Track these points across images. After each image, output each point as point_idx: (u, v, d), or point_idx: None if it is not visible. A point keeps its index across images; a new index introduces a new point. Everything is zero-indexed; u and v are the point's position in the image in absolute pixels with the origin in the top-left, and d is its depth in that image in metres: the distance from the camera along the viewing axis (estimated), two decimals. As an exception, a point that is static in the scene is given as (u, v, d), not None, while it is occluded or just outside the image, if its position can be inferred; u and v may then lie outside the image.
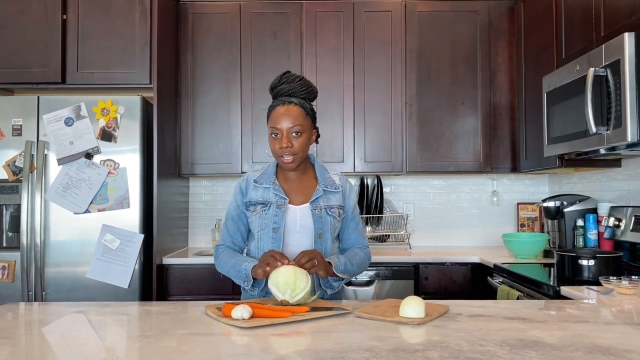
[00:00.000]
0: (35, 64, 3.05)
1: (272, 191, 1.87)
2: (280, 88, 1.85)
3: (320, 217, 1.86)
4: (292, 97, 1.84)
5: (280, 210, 1.85)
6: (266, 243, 1.86)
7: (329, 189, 1.89)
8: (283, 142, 1.80)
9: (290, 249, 1.86)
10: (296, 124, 1.80)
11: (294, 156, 1.82)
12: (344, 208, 1.93)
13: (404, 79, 3.41)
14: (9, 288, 2.82)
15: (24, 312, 1.67)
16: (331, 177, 1.94)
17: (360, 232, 2.00)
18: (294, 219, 1.86)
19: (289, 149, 1.80)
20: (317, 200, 1.87)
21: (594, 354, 1.14)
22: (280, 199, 1.85)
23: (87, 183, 2.86)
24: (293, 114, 1.80)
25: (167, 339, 1.30)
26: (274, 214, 1.85)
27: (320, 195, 1.87)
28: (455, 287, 3.04)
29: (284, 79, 1.86)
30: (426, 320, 1.43)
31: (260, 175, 1.92)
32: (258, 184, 1.89)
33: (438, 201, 3.77)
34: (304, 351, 1.18)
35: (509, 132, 3.42)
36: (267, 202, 1.86)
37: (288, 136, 1.80)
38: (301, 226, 1.86)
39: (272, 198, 1.86)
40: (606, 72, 2.09)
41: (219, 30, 3.43)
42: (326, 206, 1.87)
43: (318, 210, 1.86)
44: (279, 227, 1.84)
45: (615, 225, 2.61)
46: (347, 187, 1.97)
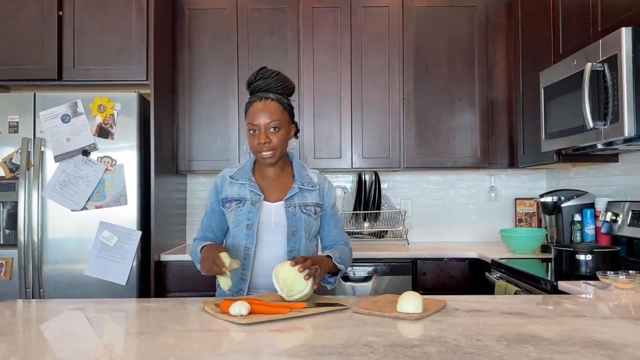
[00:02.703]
0: (31, 61, 3.04)
1: (247, 187, 1.87)
2: (257, 84, 1.84)
3: (294, 215, 1.85)
4: (269, 92, 1.83)
5: (255, 206, 1.85)
6: (240, 239, 1.86)
7: (305, 186, 1.89)
8: (261, 138, 1.79)
9: (264, 245, 1.86)
10: (274, 119, 1.80)
11: (273, 151, 1.81)
12: (321, 206, 1.93)
13: (401, 75, 3.41)
14: (6, 285, 2.82)
15: (22, 310, 1.66)
16: (309, 175, 1.93)
17: (341, 230, 2.00)
18: (269, 216, 1.85)
19: (267, 145, 1.80)
20: (292, 198, 1.86)
21: (591, 348, 1.14)
22: (255, 196, 1.85)
23: (84, 180, 2.85)
24: (270, 110, 1.80)
25: (165, 335, 1.30)
26: (249, 210, 1.85)
27: (296, 193, 1.87)
28: (453, 282, 3.05)
29: (260, 75, 1.85)
30: (424, 315, 1.43)
31: (237, 171, 1.92)
32: (234, 180, 1.90)
33: (436, 197, 3.78)
34: (302, 347, 1.18)
35: (506, 128, 3.42)
36: (242, 198, 1.87)
37: (266, 132, 1.79)
38: (275, 223, 1.85)
39: (247, 194, 1.86)
40: (603, 67, 2.09)
41: (216, 26, 3.42)
42: (301, 204, 1.86)
43: (292, 208, 1.85)
44: (252, 224, 1.84)
45: (613, 220, 2.61)
46: (326, 185, 1.96)
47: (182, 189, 3.67)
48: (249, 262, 1.86)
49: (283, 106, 1.84)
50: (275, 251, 1.86)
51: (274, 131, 1.81)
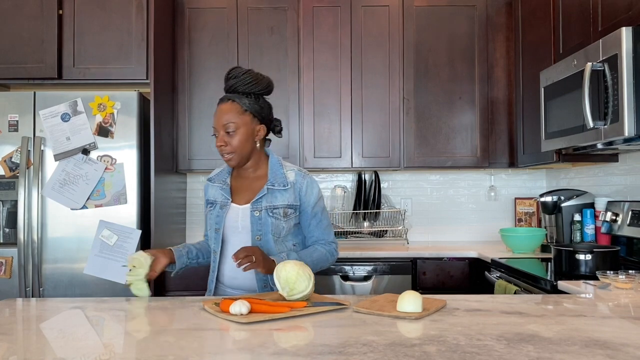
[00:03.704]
0: (31, 60, 3.03)
1: (219, 190, 1.89)
2: (227, 84, 1.85)
3: (260, 219, 1.81)
4: (235, 92, 1.82)
5: (223, 210, 1.85)
6: (212, 242, 1.89)
7: (276, 186, 1.83)
8: (218, 141, 1.81)
9: (232, 249, 1.85)
10: (229, 121, 1.79)
11: (232, 154, 1.81)
12: (295, 207, 1.86)
13: (401, 74, 3.41)
14: (6, 284, 2.82)
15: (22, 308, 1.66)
16: (285, 173, 1.87)
17: (325, 228, 1.93)
18: (235, 219, 1.84)
19: (224, 148, 1.80)
20: (260, 200, 1.82)
21: (591, 347, 1.14)
22: (225, 199, 1.86)
23: (84, 179, 2.85)
24: (227, 112, 1.80)
25: (165, 334, 1.30)
26: (217, 214, 1.86)
27: (264, 195, 1.82)
28: (452, 282, 3.05)
29: (231, 74, 1.85)
30: (423, 314, 1.43)
31: (217, 173, 1.94)
32: (212, 182, 1.93)
33: (435, 196, 3.78)
34: (302, 346, 1.18)
35: (506, 127, 3.42)
36: (215, 201, 1.89)
37: (223, 134, 1.80)
38: (243, 227, 1.84)
39: (219, 197, 1.88)
40: (603, 67, 2.09)
41: (216, 25, 3.42)
42: (268, 206, 1.82)
43: (257, 211, 1.82)
44: (219, 228, 1.85)
45: (613, 220, 2.62)
46: (305, 183, 1.87)
47: (182, 187, 3.67)
48: (215, 265, 1.88)
49: (244, 107, 1.80)
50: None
51: (231, 134, 1.79)
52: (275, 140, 3.39)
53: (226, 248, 1.87)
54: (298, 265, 1.61)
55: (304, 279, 1.59)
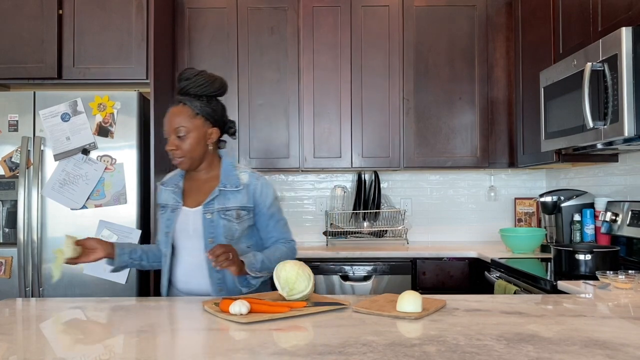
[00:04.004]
0: (31, 60, 3.03)
1: (171, 194, 1.87)
2: (179, 85, 1.83)
3: (212, 222, 1.79)
4: (186, 95, 1.80)
5: (173, 213, 1.84)
6: (162, 246, 1.88)
7: (227, 188, 1.81)
8: (169, 145, 1.79)
9: (184, 253, 1.84)
10: (180, 125, 1.77)
11: (182, 158, 1.80)
12: (249, 209, 1.84)
13: (401, 75, 3.41)
14: (6, 284, 2.82)
15: (21, 308, 1.66)
16: (238, 175, 1.85)
17: (283, 227, 1.92)
18: (186, 222, 1.82)
19: (175, 152, 1.79)
20: (212, 203, 1.80)
21: (591, 347, 1.15)
22: (175, 202, 1.84)
23: (84, 179, 2.85)
24: (177, 116, 1.78)
25: (164, 334, 1.30)
26: (168, 217, 1.85)
27: (216, 197, 1.80)
28: (452, 282, 3.05)
29: (183, 76, 1.82)
30: (423, 314, 1.43)
31: (170, 177, 1.93)
32: (164, 186, 1.91)
33: (435, 196, 3.78)
34: (301, 346, 1.18)
35: (506, 127, 3.42)
36: (166, 205, 1.87)
37: (174, 138, 1.79)
38: (194, 230, 1.81)
39: (170, 201, 1.86)
40: (603, 67, 2.09)
41: (216, 25, 3.42)
42: (221, 209, 1.79)
43: (209, 214, 1.79)
44: (169, 232, 1.83)
45: (612, 220, 2.62)
46: (259, 185, 1.86)
47: (182, 188, 3.66)
48: (166, 269, 1.87)
49: (195, 111, 1.79)
50: (197, 258, 1.82)
51: (182, 137, 1.78)
52: (275, 140, 3.41)
53: (178, 252, 1.86)
54: (298, 265, 1.61)
55: (304, 278, 1.59)
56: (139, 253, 1.90)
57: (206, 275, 1.81)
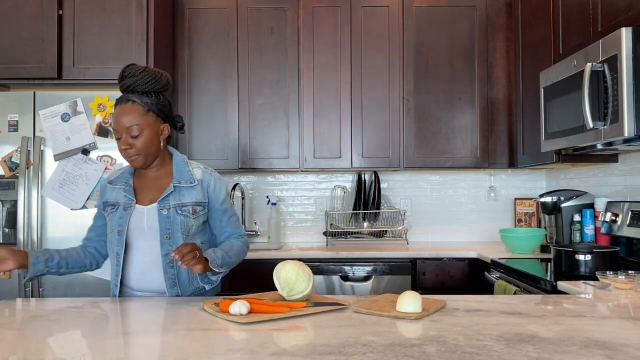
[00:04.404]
0: (31, 60, 3.03)
1: (122, 192, 1.83)
2: (123, 83, 1.78)
3: (168, 218, 1.78)
4: (134, 92, 1.76)
5: (126, 211, 1.80)
6: (113, 245, 1.82)
7: (182, 184, 1.81)
8: (122, 144, 1.75)
9: (136, 251, 1.81)
10: (133, 124, 1.74)
11: (138, 156, 1.77)
12: (204, 204, 1.85)
13: (401, 75, 3.41)
14: (6, 284, 2.81)
15: (21, 308, 1.66)
16: (191, 171, 1.85)
17: (235, 223, 1.92)
18: (140, 220, 1.80)
19: (130, 150, 1.76)
20: (167, 199, 1.80)
21: (591, 348, 1.15)
22: (128, 200, 1.81)
23: (84, 179, 2.85)
24: (129, 114, 1.74)
25: (164, 334, 1.30)
26: (120, 216, 1.80)
27: (171, 193, 1.80)
28: (452, 282, 3.05)
29: (127, 72, 1.77)
30: (423, 315, 1.43)
31: (118, 175, 1.89)
32: (112, 184, 1.86)
33: (435, 197, 3.78)
34: (301, 346, 1.18)
35: (506, 128, 3.42)
36: (116, 203, 1.82)
37: (127, 137, 1.75)
38: (149, 228, 1.79)
39: (121, 199, 1.82)
40: (603, 67, 2.09)
41: (216, 25, 3.42)
42: (177, 204, 1.80)
43: (165, 210, 1.79)
44: (122, 230, 1.79)
45: (612, 220, 2.62)
46: (212, 180, 1.87)
47: (182, 188, 3.66)
48: (118, 269, 1.82)
49: (146, 107, 1.76)
50: (151, 256, 1.81)
51: (135, 136, 1.75)
52: (275, 140, 3.41)
53: (130, 251, 1.82)
54: (297, 266, 1.61)
55: (304, 279, 1.59)
56: (56, 260, 1.82)
57: (160, 272, 1.80)
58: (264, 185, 3.76)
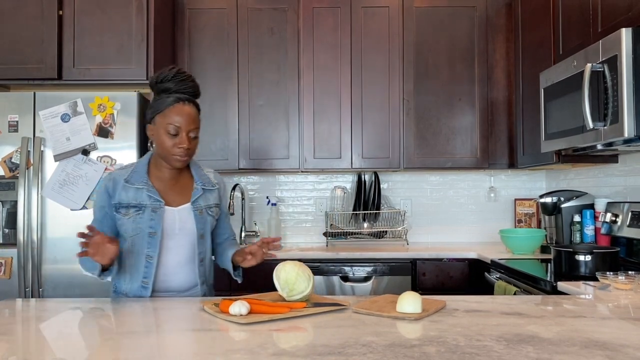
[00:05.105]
0: (31, 60, 3.03)
1: (145, 193, 1.79)
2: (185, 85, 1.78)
3: (202, 218, 1.84)
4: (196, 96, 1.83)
5: (157, 213, 1.77)
6: (141, 247, 1.78)
7: (206, 187, 1.88)
8: (183, 142, 1.75)
9: (167, 253, 1.81)
10: (196, 126, 1.79)
11: (188, 157, 1.80)
12: (219, 206, 1.94)
13: (401, 75, 3.41)
14: (5, 285, 2.82)
15: (21, 309, 1.66)
16: (207, 174, 1.93)
17: (230, 224, 2.06)
18: (172, 221, 1.80)
19: (186, 150, 1.77)
20: (198, 200, 1.85)
21: (591, 348, 1.14)
22: (155, 202, 1.78)
23: (84, 179, 2.85)
24: (194, 115, 1.78)
25: (164, 334, 1.30)
26: (150, 217, 1.77)
27: (200, 195, 1.86)
28: (452, 282, 3.05)
29: (178, 76, 1.78)
30: (423, 315, 1.43)
31: (131, 174, 1.82)
32: (129, 183, 1.80)
33: (435, 197, 3.78)
34: (301, 346, 1.18)
35: (506, 128, 3.42)
36: (141, 205, 1.77)
37: (188, 136, 1.77)
38: (180, 229, 1.81)
39: (146, 200, 1.78)
40: (603, 68, 2.09)
41: (216, 26, 3.42)
42: (206, 206, 1.87)
43: (200, 211, 1.84)
44: (155, 232, 1.77)
45: (612, 220, 2.62)
46: (223, 184, 1.99)
47: (182, 188, 3.66)
48: (150, 270, 1.79)
49: (199, 112, 1.83)
50: (179, 256, 1.83)
51: (193, 137, 1.79)
52: (275, 141, 3.41)
53: (161, 252, 1.80)
54: (297, 266, 1.61)
55: (304, 279, 1.59)
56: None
57: (185, 272, 1.85)
58: (264, 185, 3.76)
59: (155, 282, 1.82)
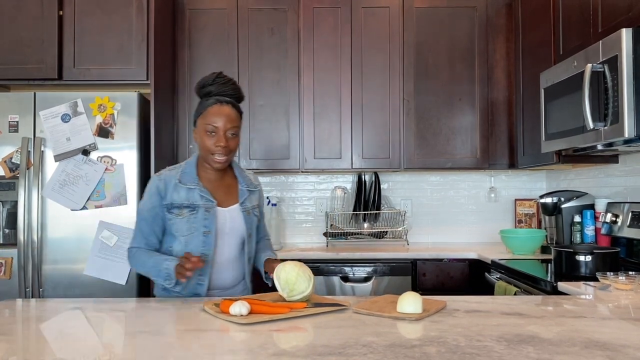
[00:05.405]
0: (31, 60, 3.03)
1: (197, 193, 1.84)
2: (213, 88, 1.86)
3: (249, 218, 1.92)
4: (238, 99, 1.89)
5: (210, 213, 1.84)
6: (196, 246, 1.83)
7: (250, 188, 1.96)
8: (221, 141, 1.81)
9: (219, 251, 1.87)
10: (234, 125, 1.84)
11: (228, 156, 1.85)
12: (259, 207, 2.02)
13: (401, 75, 3.41)
14: (6, 285, 2.82)
15: (21, 309, 1.66)
16: (248, 176, 2.00)
17: (265, 224, 2.14)
18: (224, 222, 1.87)
19: (225, 149, 1.82)
20: (245, 202, 1.93)
21: (591, 349, 1.14)
22: (208, 202, 1.84)
23: (84, 179, 2.85)
24: (232, 115, 1.84)
25: (164, 335, 1.30)
26: (204, 217, 1.82)
27: (246, 197, 1.93)
28: (452, 283, 3.05)
29: (219, 80, 1.87)
30: (423, 315, 1.43)
31: (182, 174, 1.88)
32: (181, 183, 1.85)
33: (436, 197, 3.78)
34: (302, 347, 1.18)
35: (506, 129, 3.42)
36: (194, 205, 1.83)
37: (225, 135, 1.82)
38: (230, 228, 1.88)
39: (199, 200, 1.84)
40: (604, 68, 2.09)
41: (216, 26, 3.42)
42: (252, 207, 1.95)
43: (247, 212, 1.92)
44: (209, 231, 1.83)
45: (613, 221, 2.61)
46: (260, 185, 2.06)
47: (182, 188, 3.66)
48: (206, 269, 1.84)
49: (240, 114, 1.89)
50: (227, 255, 1.90)
51: (232, 137, 1.84)
52: (275, 141, 3.41)
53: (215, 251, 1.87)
54: (298, 266, 1.61)
55: (304, 279, 1.59)
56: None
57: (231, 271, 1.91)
58: (264, 185, 3.76)
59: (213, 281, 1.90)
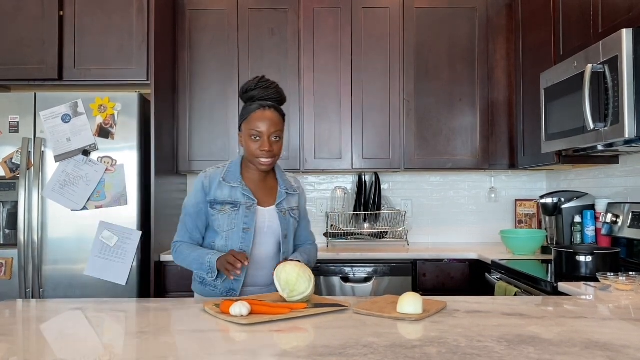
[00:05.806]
0: (32, 61, 3.04)
1: (240, 191, 1.91)
2: (256, 93, 1.89)
3: (285, 219, 1.96)
4: (281, 103, 1.92)
5: (250, 211, 1.90)
6: (235, 242, 1.90)
7: (289, 191, 2.00)
8: (265, 146, 1.86)
9: (257, 248, 1.92)
10: (278, 129, 1.89)
11: (272, 159, 1.89)
12: (298, 209, 2.04)
13: (401, 76, 3.41)
14: (6, 285, 2.82)
15: (22, 309, 1.66)
16: (289, 179, 2.04)
17: (310, 230, 2.15)
18: (263, 220, 1.93)
19: (269, 152, 1.87)
20: (282, 203, 1.96)
21: (591, 349, 1.14)
22: (249, 200, 1.91)
23: (85, 180, 2.85)
24: (275, 119, 1.88)
25: (165, 335, 1.30)
26: (244, 214, 1.89)
27: (284, 198, 1.97)
28: (453, 283, 3.05)
29: (261, 84, 1.90)
30: (424, 316, 1.43)
31: (226, 173, 1.95)
32: (225, 182, 1.92)
33: (436, 198, 3.78)
34: (302, 347, 1.18)
35: (506, 129, 3.42)
36: (236, 202, 1.90)
37: (269, 140, 1.86)
38: (268, 227, 1.93)
39: (241, 198, 1.91)
40: (604, 69, 2.09)
41: (217, 26, 3.42)
42: (289, 208, 1.98)
43: (283, 212, 1.95)
44: (249, 228, 1.89)
45: (613, 221, 2.61)
46: (301, 188, 2.08)
47: (182, 189, 3.67)
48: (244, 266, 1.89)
49: (283, 117, 1.92)
50: (265, 253, 1.94)
51: (276, 140, 1.89)
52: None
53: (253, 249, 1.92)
54: (298, 267, 1.61)
55: (304, 280, 1.59)
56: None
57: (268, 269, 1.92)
58: (265, 186, 3.75)
59: (248, 277, 1.93)
